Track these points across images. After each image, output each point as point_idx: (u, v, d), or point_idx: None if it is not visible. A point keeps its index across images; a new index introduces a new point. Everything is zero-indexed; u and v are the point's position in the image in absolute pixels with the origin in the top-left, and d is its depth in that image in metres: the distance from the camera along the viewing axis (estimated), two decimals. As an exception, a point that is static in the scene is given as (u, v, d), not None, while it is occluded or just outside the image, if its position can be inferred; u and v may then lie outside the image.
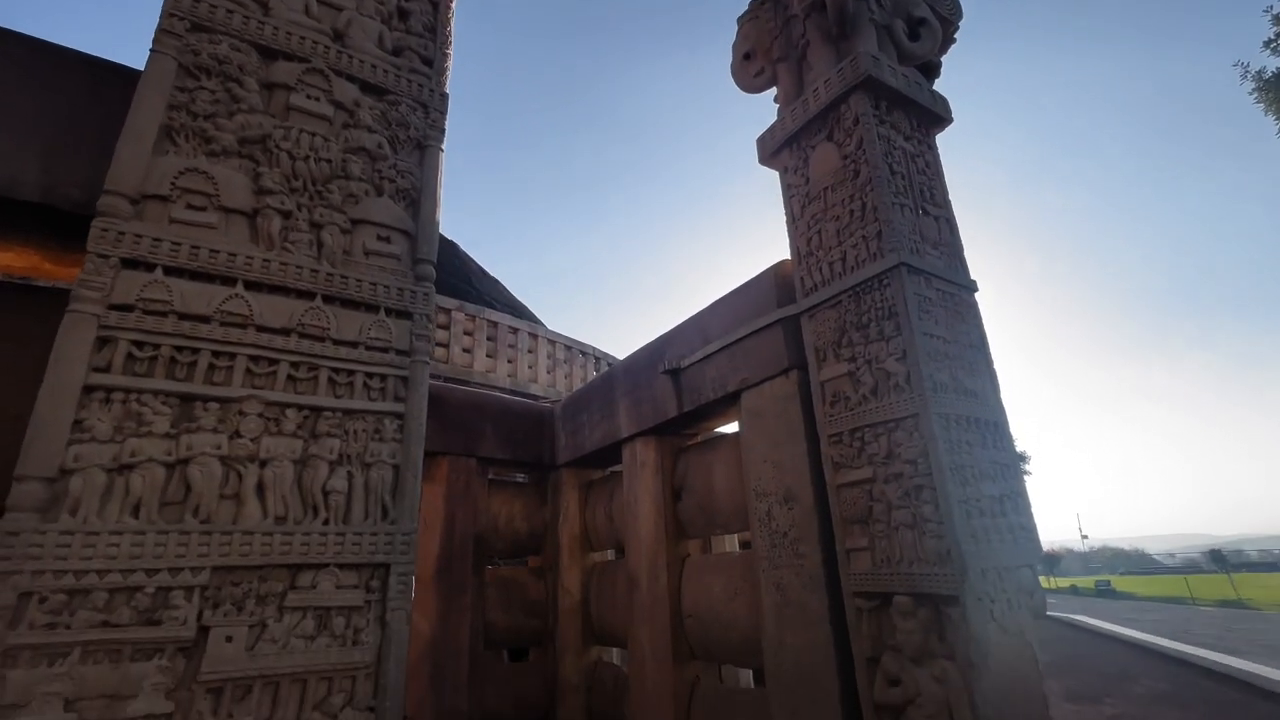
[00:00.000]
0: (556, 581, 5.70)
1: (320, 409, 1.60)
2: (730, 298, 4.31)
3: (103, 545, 1.28)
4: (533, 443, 6.01)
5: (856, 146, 3.64)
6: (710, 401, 4.29)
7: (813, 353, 3.65)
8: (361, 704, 1.45)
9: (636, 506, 4.90)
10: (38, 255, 2.44)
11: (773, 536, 3.66)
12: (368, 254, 1.79)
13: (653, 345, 5.01)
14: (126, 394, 1.40)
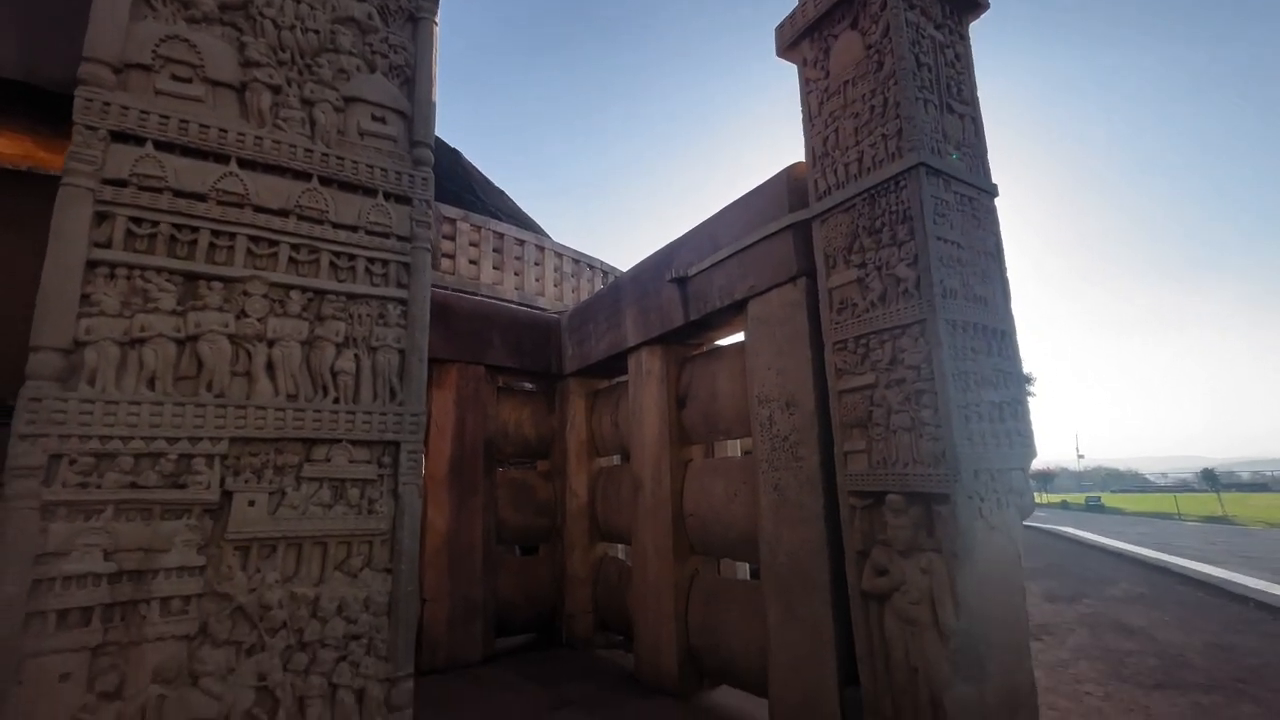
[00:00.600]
0: (564, 485, 5.96)
1: (323, 292, 1.61)
2: (741, 203, 4.19)
3: (123, 414, 1.33)
4: (540, 352, 6.08)
5: (882, 34, 3.39)
6: (717, 310, 4.28)
7: (823, 259, 3.58)
8: (379, 565, 1.56)
9: (642, 414, 5.02)
10: (30, 141, 2.38)
11: (773, 441, 3.76)
12: (363, 135, 1.73)
13: (661, 253, 4.93)
14: (130, 270, 1.41)
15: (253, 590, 1.40)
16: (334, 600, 1.48)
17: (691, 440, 4.88)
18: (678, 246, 4.75)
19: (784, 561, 3.58)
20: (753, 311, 4.02)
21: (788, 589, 3.53)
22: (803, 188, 3.87)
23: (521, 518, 5.89)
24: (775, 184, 3.96)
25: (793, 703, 3.41)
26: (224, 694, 1.33)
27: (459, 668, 5.01)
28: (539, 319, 6.33)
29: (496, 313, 5.97)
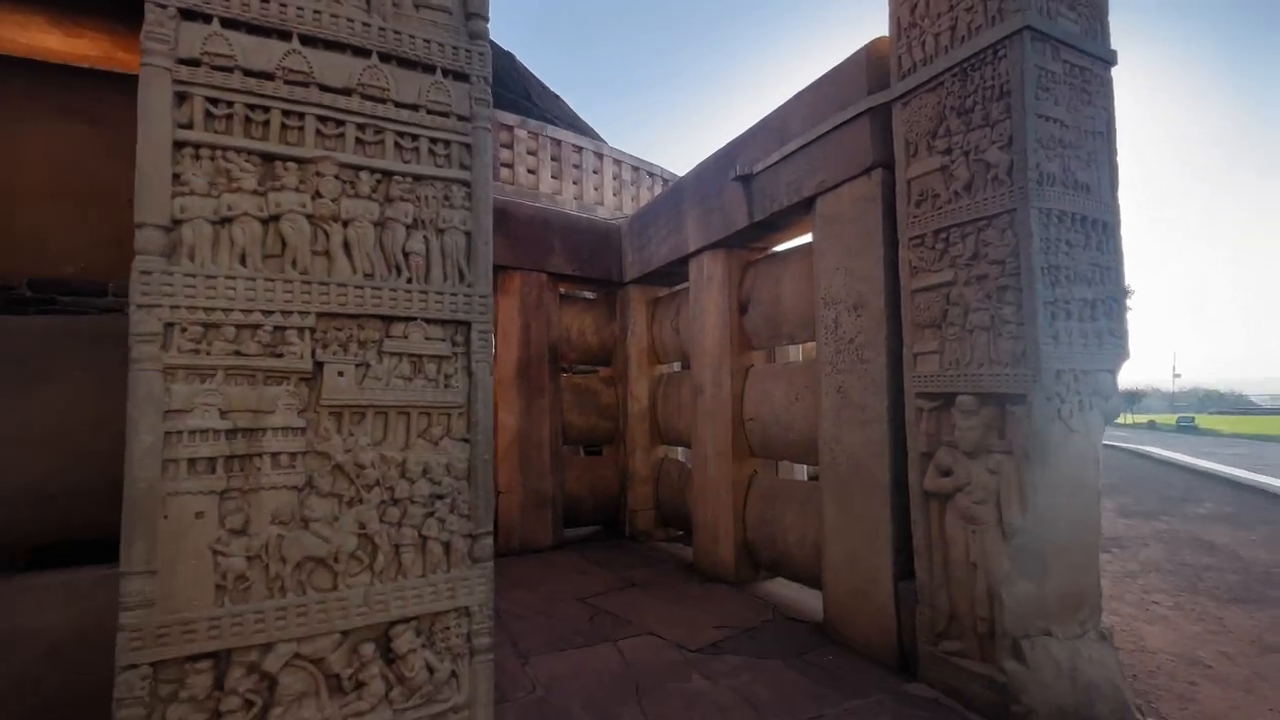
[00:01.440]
0: (626, 390, 6.12)
1: (390, 173, 1.63)
2: (813, 89, 3.87)
3: (222, 288, 1.44)
4: (600, 259, 6.07)
5: None
6: (783, 209, 4.09)
7: (902, 146, 3.29)
8: (458, 435, 1.68)
9: (703, 319, 5.00)
10: (108, 42, 2.46)
11: (838, 343, 3.67)
12: (417, 7, 1.67)
13: (724, 151, 4.69)
14: (213, 150, 1.47)
15: (348, 451, 1.54)
16: (419, 464, 1.61)
17: (753, 345, 4.84)
18: (742, 142, 4.49)
19: (843, 462, 3.60)
20: (821, 209, 3.81)
21: (846, 488, 3.57)
22: (884, 67, 3.52)
23: (585, 420, 6.14)
24: (852, 65, 3.61)
25: (846, 593, 3.54)
26: (331, 537, 1.50)
27: (532, 552, 5.47)
28: (599, 225, 6.27)
29: (557, 219, 5.94)
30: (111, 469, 2.19)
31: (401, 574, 1.58)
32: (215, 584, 1.42)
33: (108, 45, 2.46)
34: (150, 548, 1.36)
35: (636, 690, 2.99)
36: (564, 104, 11.92)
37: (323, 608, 1.49)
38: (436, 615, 1.62)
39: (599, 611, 4.07)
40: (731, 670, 3.20)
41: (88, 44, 2.45)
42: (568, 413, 5.98)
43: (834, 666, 3.24)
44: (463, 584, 1.64)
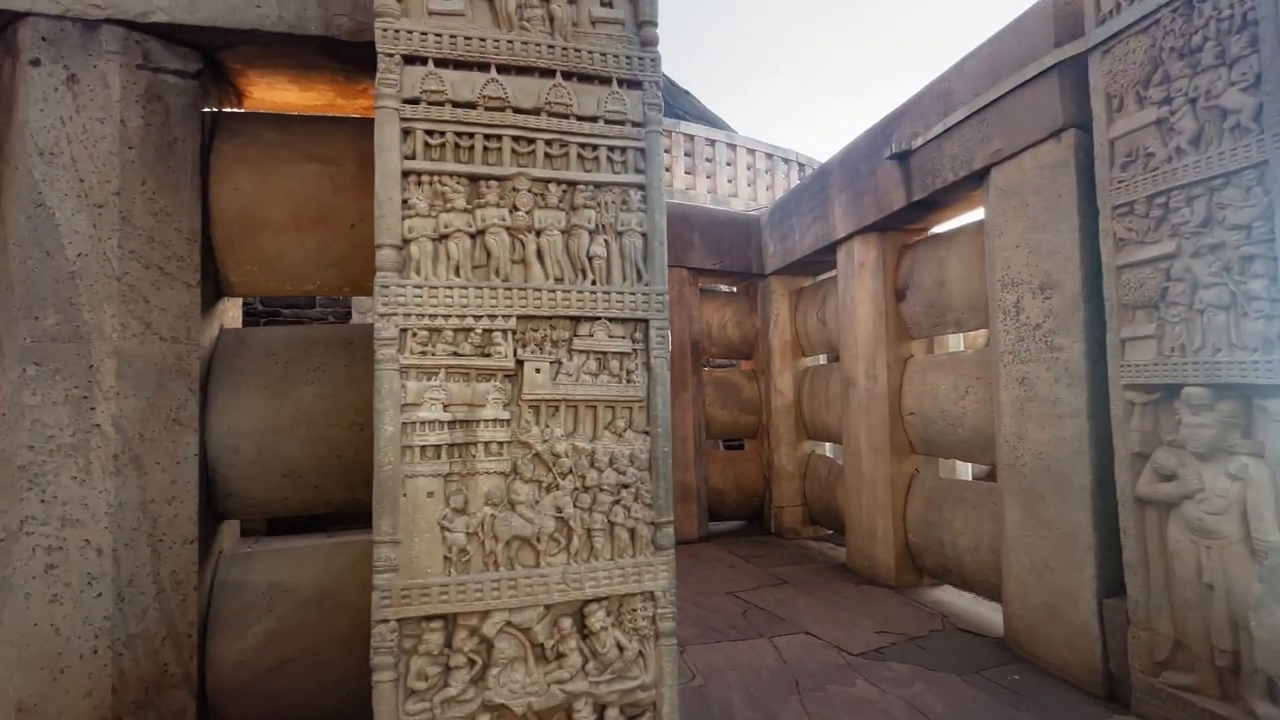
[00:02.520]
0: (769, 383, 6.01)
1: (575, 183, 1.75)
2: (985, 49, 3.50)
3: (441, 297, 1.64)
4: (740, 252, 6.01)
5: None
6: (947, 185, 3.76)
7: (1103, 101, 2.87)
8: (639, 428, 1.77)
9: (854, 308, 4.75)
10: (331, 91, 2.90)
11: (1020, 330, 3.30)
12: (594, 23, 1.77)
13: (876, 128, 4.41)
14: (432, 176, 1.68)
15: (545, 441, 1.68)
16: (606, 454, 1.72)
17: (911, 335, 4.52)
18: (897, 118, 4.19)
19: (1029, 462, 3.24)
20: (996, 181, 3.45)
21: (1032, 491, 3.21)
22: (1075, 14, 3.09)
23: (728, 414, 6.13)
24: (1035, 16, 3.21)
25: (1033, 607, 3.18)
26: (533, 519, 1.66)
27: (679, 543, 5.58)
28: (738, 218, 6.21)
29: (695, 214, 5.98)
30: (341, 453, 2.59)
31: (593, 556, 1.70)
32: (443, 555, 1.63)
33: (331, 94, 2.91)
34: (394, 521, 1.60)
35: (796, 688, 2.95)
36: (693, 99, 11.93)
37: (528, 582, 1.65)
38: (624, 597, 1.72)
39: (751, 606, 4.05)
40: (900, 679, 3.03)
41: (316, 95, 2.91)
42: (710, 407, 6.01)
43: (1022, 687, 2.94)
44: (648, 569, 1.73)
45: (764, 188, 9.78)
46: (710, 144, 9.22)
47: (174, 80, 2.45)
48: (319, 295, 2.81)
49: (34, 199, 2.26)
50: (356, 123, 2.79)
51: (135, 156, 2.34)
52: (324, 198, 2.63)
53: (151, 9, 2.34)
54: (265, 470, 2.55)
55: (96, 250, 2.29)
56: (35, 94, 2.27)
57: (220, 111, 2.71)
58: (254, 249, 2.62)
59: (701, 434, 5.84)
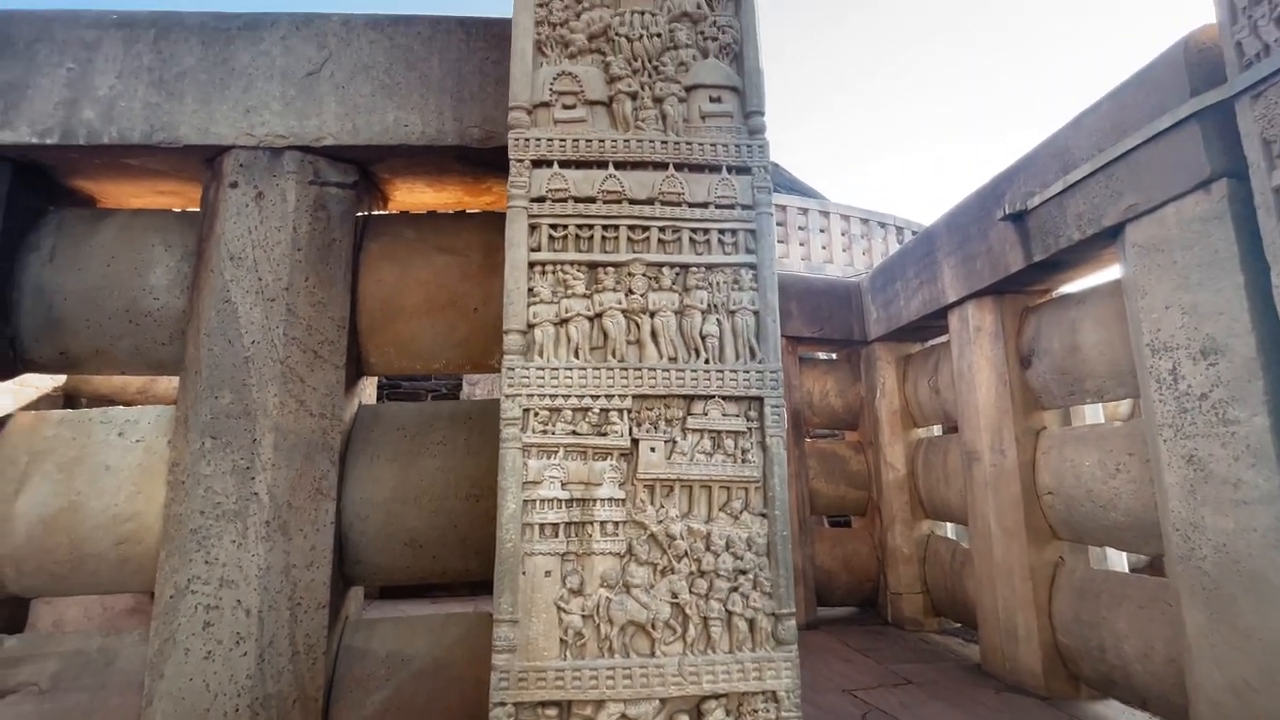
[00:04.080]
0: (878, 456, 5.65)
1: (687, 265, 1.81)
2: (1107, 101, 3.33)
3: (561, 378, 1.71)
4: (840, 319, 5.86)
5: None
6: (1074, 245, 3.50)
7: (1259, 148, 2.59)
8: (756, 510, 1.70)
9: (973, 376, 4.43)
10: (460, 190, 3.24)
11: (1181, 400, 2.91)
12: (704, 117, 1.88)
13: (985, 189, 4.25)
14: (555, 265, 1.80)
15: (660, 522, 1.66)
16: (722, 537, 1.67)
17: (1041, 405, 4.12)
18: (1008, 177, 4.03)
19: (1209, 555, 2.77)
20: (1133, 238, 3.17)
21: (1218, 591, 2.72)
22: (1210, 61, 2.88)
23: (833, 489, 5.80)
24: (1166, 65, 3.03)
25: (1241, 737, 2.62)
26: (649, 603, 1.62)
27: (784, 628, 5.20)
28: (836, 284, 6.11)
29: (791, 283, 5.95)
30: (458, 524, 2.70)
31: (710, 648, 1.62)
32: (559, 638, 1.62)
33: (460, 193, 3.26)
34: (514, 599, 1.62)
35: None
36: (783, 171, 12.17)
37: (644, 672, 1.59)
38: (744, 696, 1.61)
39: (872, 709, 3.65)
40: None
41: (448, 195, 3.28)
42: (814, 480, 5.72)
43: (1236, 844, 2.38)
44: (769, 665, 1.61)
45: (860, 252, 9.62)
46: (802, 212, 9.27)
47: (335, 191, 2.85)
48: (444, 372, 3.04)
49: (223, 296, 2.65)
50: (481, 217, 3.09)
51: (302, 257, 2.70)
52: (452, 285, 2.89)
53: (324, 135, 2.77)
54: (390, 539, 2.70)
55: (266, 338, 2.63)
56: (231, 210, 2.71)
57: (369, 215, 3.11)
58: (391, 333, 2.90)
59: (806, 510, 5.54)
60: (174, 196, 3.22)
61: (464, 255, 2.90)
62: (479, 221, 2.99)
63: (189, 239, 2.90)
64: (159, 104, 2.80)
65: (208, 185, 2.87)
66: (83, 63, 2.84)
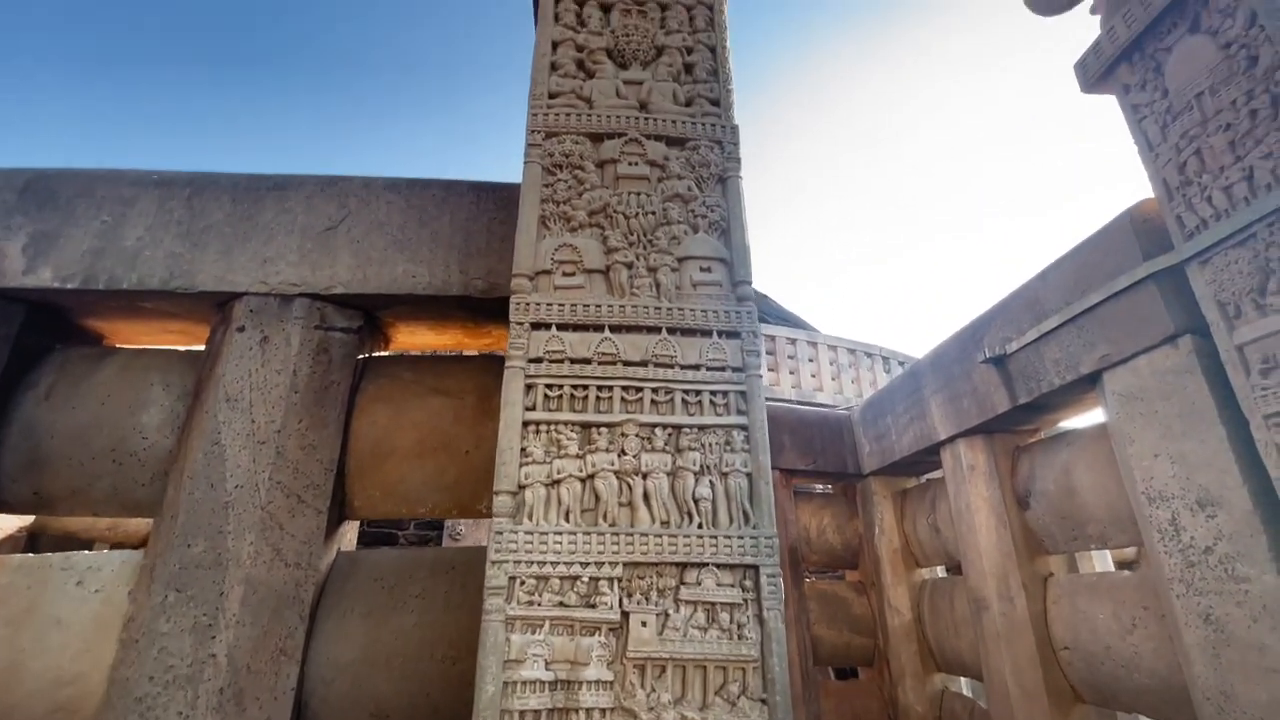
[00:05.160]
0: (881, 599, 5.36)
1: (680, 426, 1.83)
2: (1067, 260, 3.58)
3: (550, 543, 1.66)
4: (833, 451, 5.84)
5: (1246, 25, 2.71)
6: (1055, 390, 3.59)
7: (1216, 309, 2.76)
8: (754, 695, 1.57)
9: (971, 517, 4.33)
10: (460, 333, 3.35)
11: (1186, 553, 2.84)
12: (695, 285, 2.00)
13: (964, 331, 4.44)
14: (549, 425, 1.82)
15: (652, 709, 1.53)
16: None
17: (1046, 549, 4.00)
18: (986, 321, 4.23)
19: (1249, 731, 2.54)
20: (1113, 386, 3.26)
21: (1267, 775, 2.46)
22: (1155, 229, 3.15)
23: (837, 635, 5.43)
24: (1115, 231, 3.31)
25: None
26: (639, 811, 1.44)
27: (791, 806, 4.61)
28: (828, 416, 6.16)
29: (783, 414, 5.99)
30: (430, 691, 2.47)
31: None
32: None
33: (460, 335, 3.37)
34: (488, 803, 1.44)
35: None
36: (771, 301, 12.75)
37: None
38: None
39: None
40: None
41: (448, 337, 3.39)
42: (815, 626, 5.37)
43: None
44: None
45: (849, 381, 9.80)
46: (791, 342, 9.57)
47: (340, 335, 2.94)
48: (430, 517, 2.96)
49: (213, 438, 2.63)
50: (478, 360, 3.17)
51: (299, 399, 2.73)
52: (445, 427, 2.89)
53: (334, 284, 2.92)
54: (355, 707, 2.47)
55: (250, 482, 2.58)
56: (235, 353, 2.77)
57: (369, 356, 3.19)
58: (379, 475, 2.85)
59: (808, 660, 5.14)
60: (181, 335, 3.32)
61: (459, 398, 2.94)
62: (476, 365, 3.07)
63: (188, 379, 2.94)
64: (182, 253, 2.96)
65: (216, 327, 2.97)
66: (117, 216, 3.04)
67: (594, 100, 2.26)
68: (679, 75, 2.32)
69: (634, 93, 2.28)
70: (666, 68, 2.32)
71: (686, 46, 2.37)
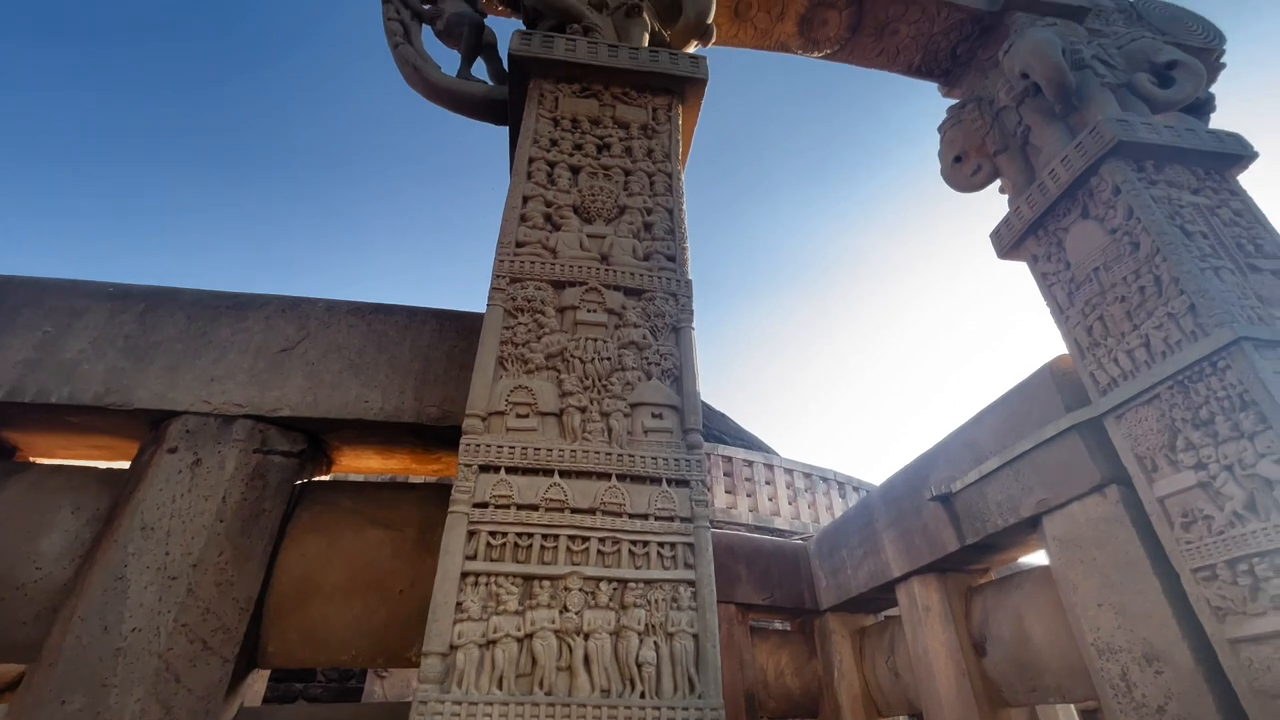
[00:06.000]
0: (843, 753, 4.97)
1: (625, 580, 1.77)
2: (999, 406, 3.82)
3: (480, 714, 1.52)
4: (790, 584, 5.68)
5: (1126, 217, 3.16)
6: (999, 531, 3.67)
7: (1135, 462, 2.95)
8: None
9: (930, 662, 4.20)
10: (409, 459, 3.26)
11: (1140, 712, 2.79)
12: (646, 432, 2.04)
13: (912, 468, 4.57)
14: (489, 577, 1.73)
15: None
16: None
17: (1006, 700, 3.86)
18: (932, 459, 4.37)
19: None
20: (1052, 531, 3.36)
21: None
22: (1073, 383, 3.43)
23: (798, 798, 4.95)
24: (1038, 382, 3.57)
25: None
26: None
27: None
28: (785, 547, 6.06)
29: (740, 544, 5.88)
30: None
31: None
32: None
33: (408, 461, 3.27)
34: None
35: None
36: (731, 421, 12.93)
37: None
38: None
39: None
40: None
41: (395, 462, 3.29)
42: (775, 786, 4.90)
43: None
44: None
45: (805, 505, 9.79)
46: (748, 464, 9.60)
47: (279, 459, 2.82)
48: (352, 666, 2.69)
49: (117, 572, 2.40)
50: (423, 490, 3.06)
51: (224, 529, 2.55)
52: (381, 562, 2.72)
53: (281, 406, 2.85)
54: None
55: (151, 624, 2.33)
56: (160, 476, 2.61)
57: (308, 482, 3.05)
58: (301, 615, 2.62)
59: (767, 829, 4.63)
60: (107, 451, 3.12)
61: (399, 530, 2.79)
62: (421, 495, 2.96)
63: (103, 502, 2.73)
64: (124, 368, 2.87)
65: (146, 446, 2.81)
66: (61, 327, 2.96)
67: (558, 250, 2.41)
68: (639, 232, 2.52)
69: (596, 246, 2.45)
70: (628, 225, 2.53)
71: (647, 208, 2.61)
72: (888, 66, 4.47)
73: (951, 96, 4.56)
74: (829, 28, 4.23)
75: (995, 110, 4.09)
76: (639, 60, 2.91)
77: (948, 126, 4.41)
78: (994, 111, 4.11)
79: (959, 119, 4.34)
